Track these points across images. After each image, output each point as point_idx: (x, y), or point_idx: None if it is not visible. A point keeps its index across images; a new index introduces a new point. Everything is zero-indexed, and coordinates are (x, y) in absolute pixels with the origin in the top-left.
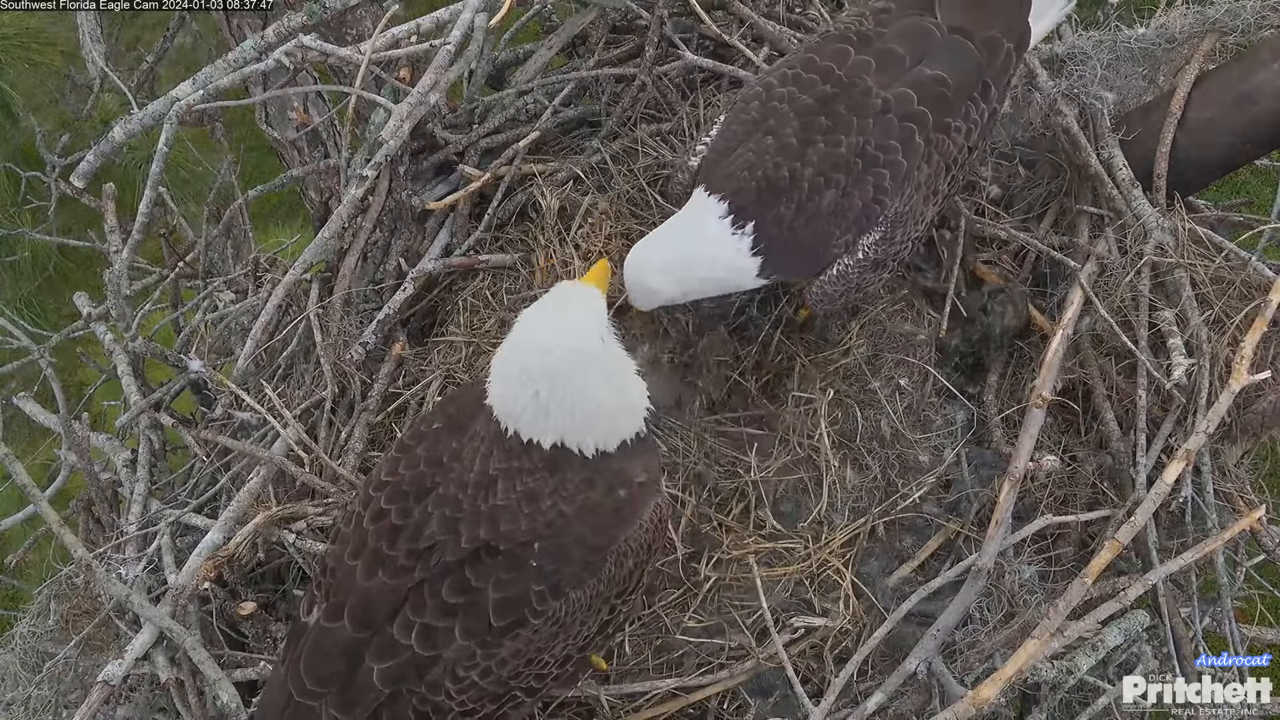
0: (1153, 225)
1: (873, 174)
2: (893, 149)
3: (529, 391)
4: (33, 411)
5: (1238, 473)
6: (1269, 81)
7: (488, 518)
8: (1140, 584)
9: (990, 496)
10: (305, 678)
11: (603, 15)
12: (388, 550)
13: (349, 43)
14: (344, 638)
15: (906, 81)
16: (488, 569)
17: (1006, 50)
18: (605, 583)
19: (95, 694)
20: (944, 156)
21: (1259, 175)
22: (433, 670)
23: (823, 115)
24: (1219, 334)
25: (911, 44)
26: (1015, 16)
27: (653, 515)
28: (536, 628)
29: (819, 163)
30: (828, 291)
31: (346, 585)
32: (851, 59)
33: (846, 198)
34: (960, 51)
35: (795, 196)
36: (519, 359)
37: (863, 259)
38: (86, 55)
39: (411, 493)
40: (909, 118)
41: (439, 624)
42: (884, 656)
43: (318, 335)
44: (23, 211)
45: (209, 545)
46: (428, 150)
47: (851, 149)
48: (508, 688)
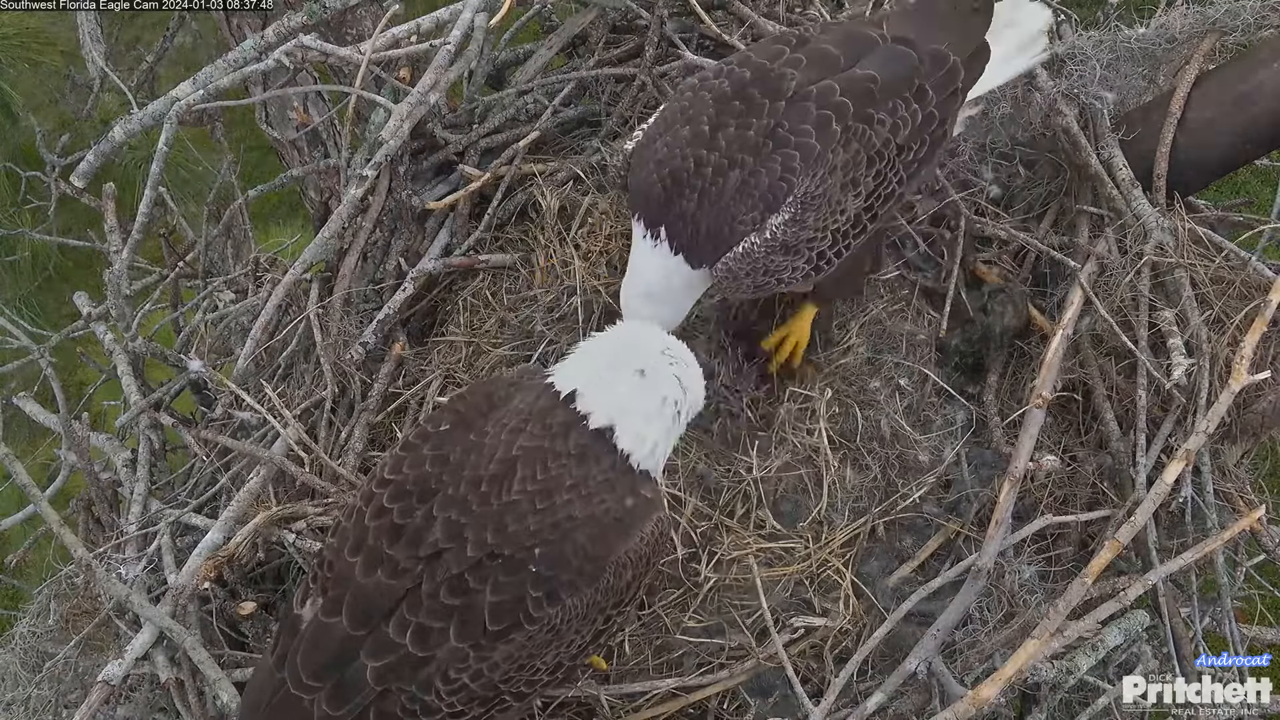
0: (1153, 225)
1: (781, 154)
2: (805, 131)
3: (608, 363)
4: (33, 411)
5: (1238, 473)
6: (1269, 81)
7: (495, 519)
8: (1140, 584)
9: (990, 496)
10: (301, 671)
11: (603, 15)
12: (387, 549)
13: (349, 43)
14: (341, 634)
15: (835, 77)
16: (487, 572)
17: (953, 63)
18: (602, 593)
19: (95, 694)
20: (865, 147)
21: (1259, 175)
22: (425, 670)
23: (738, 100)
24: (1219, 334)
25: (848, 48)
26: (968, 31)
27: (654, 529)
28: (531, 634)
29: (726, 146)
30: (733, 269)
31: (345, 581)
32: (785, 56)
33: (753, 176)
34: (898, 57)
35: (698, 184)
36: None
37: (770, 238)
38: (86, 55)
39: (415, 493)
40: (827, 106)
41: (434, 625)
42: (884, 656)
43: (318, 335)
44: (23, 211)
45: (209, 545)
46: (428, 150)
47: (761, 130)
48: (497, 691)
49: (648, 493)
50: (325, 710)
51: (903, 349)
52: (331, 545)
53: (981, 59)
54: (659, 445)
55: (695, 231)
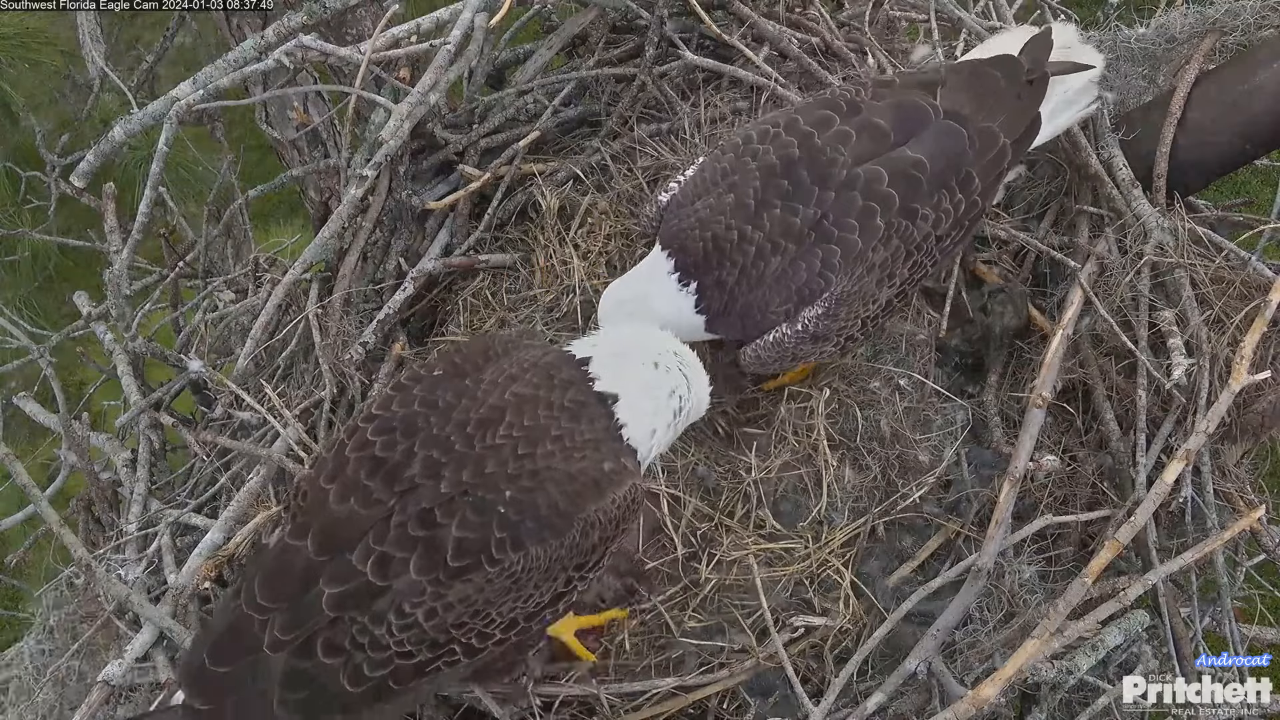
0: (1153, 225)
1: (823, 249)
2: (849, 226)
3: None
4: (33, 411)
5: (1238, 473)
6: (1269, 81)
7: (475, 460)
8: (1140, 584)
9: (990, 496)
10: (259, 592)
11: (603, 15)
12: (365, 480)
13: (349, 43)
14: (304, 558)
15: (882, 160)
16: (457, 508)
17: (1002, 145)
18: (567, 549)
19: (95, 694)
20: (905, 242)
21: (1259, 175)
22: (380, 601)
23: (785, 179)
24: (1219, 334)
25: (899, 121)
26: (1022, 110)
27: (627, 495)
28: (490, 576)
29: (770, 229)
30: (761, 356)
31: (316, 508)
32: (834, 127)
33: (792, 267)
34: (949, 137)
35: (739, 260)
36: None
37: (801, 330)
38: (86, 55)
39: (400, 429)
40: (874, 197)
41: (396, 554)
42: (884, 656)
43: (317, 335)
44: (23, 211)
45: (209, 545)
46: (428, 150)
47: (807, 220)
48: (449, 636)
49: (629, 463)
50: (275, 635)
51: (903, 349)
52: (308, 475)
53: (1031, 134)
54: (656, 432)
55: (729, 304)
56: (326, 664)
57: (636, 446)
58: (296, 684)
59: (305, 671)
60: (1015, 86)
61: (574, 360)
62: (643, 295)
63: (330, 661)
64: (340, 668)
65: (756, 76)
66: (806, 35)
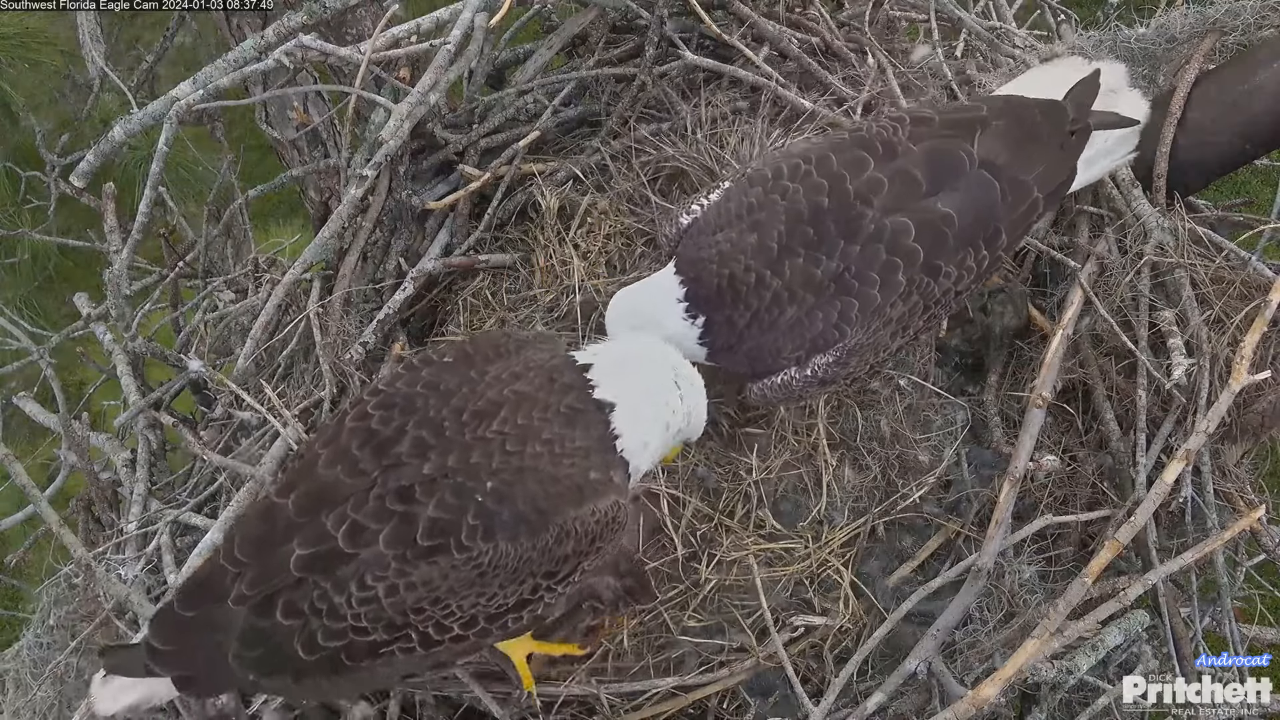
0: (1153, 225)
1: (842, 301)
2: (870, 280)
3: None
4: (33, 411)
5: (1238, 473)
6: (1269, 81)
7: (462, 447)
8: (1140, 584)
9: (990, 496)
10: (237, 545)
11: (603, 15)
12: (355, 450)
13: (349, 42)
14: (285, 517)
15: (911, 211)
16: (436, 489)
17: (1033, 200)
18: (539, 552)
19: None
20: (925, 297)
21: (1259, 175)
22: (344, 567)
23: (811, 227)
24: (1219, 334)
25: (934, 170)
26: (1060, 161)
27: (608, 511)
28: (456, 563)
29: (791, 277)
30: (767, 395)
31: (306, 471)
32: (867, 173)
33: (809, 317)
34: (981, 189)
35: (754, 305)
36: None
37: (810, 375)
38: (86, 55)
39: (399, 405)
40: (898, 252)
41: (369, 524)
42: (884, 656)
43: (317, 335)
44: (22, 211)
45: (209, 545)
46: (428, 150)
47: (828, 273)
48: (406, 620)
49: (617, 478)
50: (241, 589)
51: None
52: (310, 439)
53: (1067, 186)
54: (650, 444)
55: (735, 344)
56: (284, 625)
57: (629, 458)
58: (253, 641)
59: (263, 630)
60: (1058, 137)
61: (576, 365)
62: (649, 313)
63: (287, 623)
64: (296, 631)
65: (756, 76)
66: (806, 35)
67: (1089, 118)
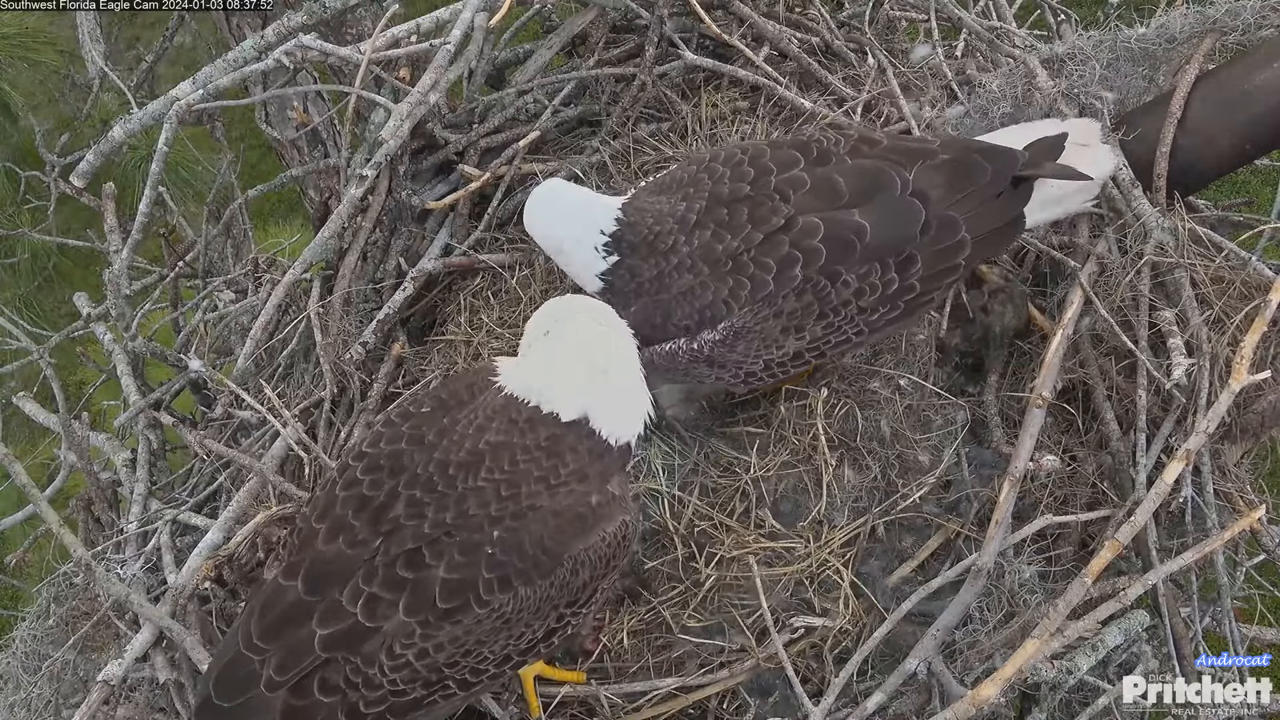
0: (1153, 225)
1: (734, 279)
2: (766, 267)
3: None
4: (32, 411)
5: (1238, 473)
6: (1269, 81)
7: (457, 501)
8: (1140, 584)
9: (990, 496)
10: (255, 631)
11: (603, 15)
12: (352, 519)
13: (349, 42)
14: (295, 598)
15: (824, 214)
16: (443, 548)
17: (960, 240)
18: (556, 588)
19: (95, 694)
20: (820, 301)
21: (1259, 175)
22: (370, 642)
23: (726, 208)
24: (1219, 334)
25: (860, 183)
26: (998, 208)
27: (617, 531)
28: (480, 617)
29: (695, 249)
30: (655, 362)
31: (307, 547)
32: (792, 172)
33: (701, 288)
34: (903, 213)
35: (661, 266)
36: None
37: (696, 349)
38: (86, 55)
39: (387, 467)
40: (801, 248)
41: (385, 595)
42: (884, 656)
43: (317, 335)
44: (22, 211)
45: (209, 545)
46: (428, 150)
47: (728, 251)
48: (441, 675)
49: (616, 489)
50: (271, 675)
51: (902, 349)
52: (304, 512)
53: (1008, 234)
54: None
55: (632, 293)
56: (324, 701)
57: (622, 439)
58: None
59: (304, 709)
60: (998, 184)
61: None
62: (576, 216)
63: (327, 700)
64: (338, 705)
65: (756, 76)
66: (806, 35)
67: (1044, 170)
